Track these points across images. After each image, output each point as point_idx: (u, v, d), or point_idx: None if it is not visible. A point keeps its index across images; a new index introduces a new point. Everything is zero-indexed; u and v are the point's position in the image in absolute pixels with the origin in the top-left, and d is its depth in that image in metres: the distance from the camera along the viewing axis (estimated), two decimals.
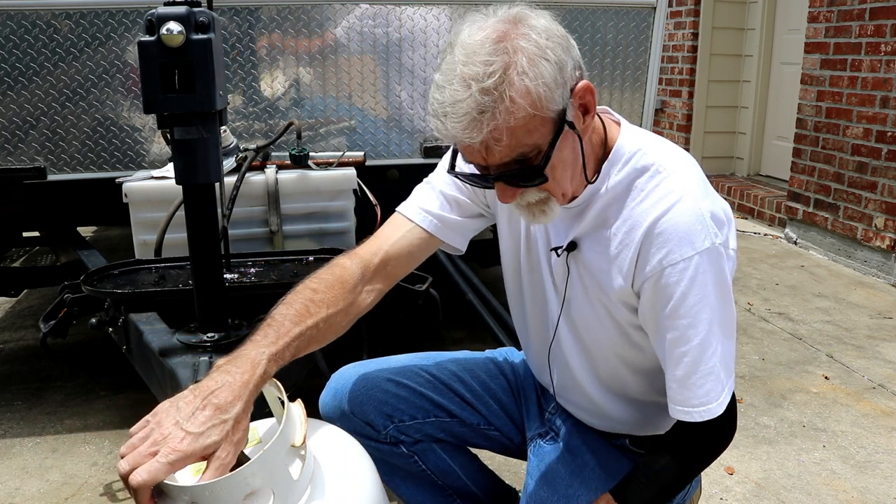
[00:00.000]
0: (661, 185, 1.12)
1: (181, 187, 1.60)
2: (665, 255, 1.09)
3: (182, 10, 1.47)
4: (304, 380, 1.78)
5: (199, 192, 1.59)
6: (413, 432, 1.41)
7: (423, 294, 1.99)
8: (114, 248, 3.73)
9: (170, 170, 2.26)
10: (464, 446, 1.51)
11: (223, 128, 2.03)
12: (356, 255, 1.26)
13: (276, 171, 2.30)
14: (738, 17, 5.68)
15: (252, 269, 2.06)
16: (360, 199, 2.39)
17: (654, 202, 1.11)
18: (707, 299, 1.10)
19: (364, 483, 1.05)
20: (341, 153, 2.44)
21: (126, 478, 0.87)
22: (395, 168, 2.62)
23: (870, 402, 2.58)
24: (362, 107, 2.52)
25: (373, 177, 2.47)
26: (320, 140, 2.52)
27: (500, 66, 0.98)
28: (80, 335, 2.80)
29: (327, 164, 2.39)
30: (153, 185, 2.23)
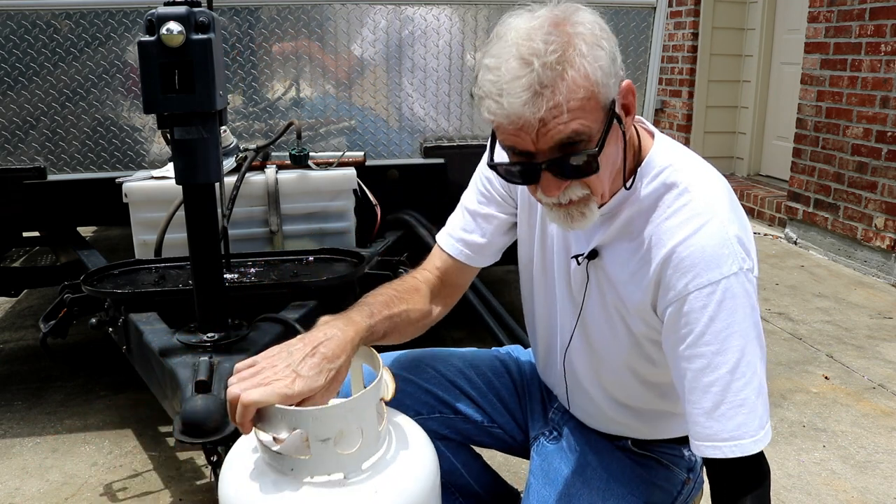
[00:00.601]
0: (687, 206, 1.09)
1: (181, 187, 1.60)
2: (691, 279, 1.05)
3: (182, 10, 1.46)
4: None
5: (199, 192, 1.59)
6: None
7: None
8: (114, 248, 3.72)
9: (170, 170, 2.26)
10: (467, 444, 1.51)
11: (223, 128, 2.03)
12: (417, 276, 1.36)
13: (276, 171, 2.30)
14: (738, 17, 5.68)
15: (252, 269, 2.06)
16: (360, 199, 2.39)
17: (680, 223, 1.08)
18: (737, 325, 1.04)
19: (427, 458, 1.11)
20: (341, 153, 2.44)
21: (235, 400, 0.97)
22: (395, 168, 2.62)
23: (870, 402, 2.58)
24: (362, 107, 2.52)
25: (373, 177, 2.47)
26: (320, 140, 2.52)
27: (561, 46, 0.98)
28: (80, 335, 2.80)
29: (327, 164, 2.39)
30: (153, 185, 2.23)
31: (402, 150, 2.58)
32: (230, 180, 2.17)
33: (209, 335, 1.68)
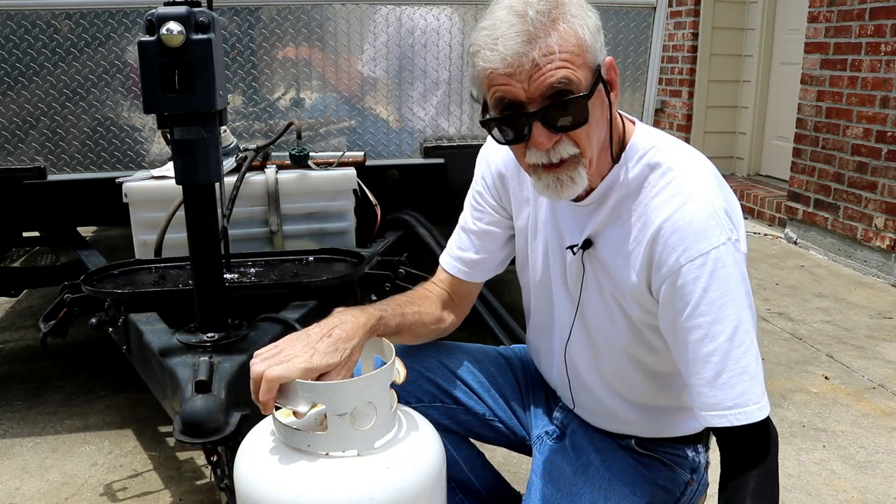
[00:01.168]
0: (672, 184, 1.12)
1: (181, 187, 1.60)
2: (681, 252, 1.08)
3: (182, 10, 1.46)
4: None
5: (199, 192, 1.59)
6: None
7: None
8: (114, 248, 3.72)
9: (170, 170, 2.26)
10: (469, 440, 1.52)
11: (223, 128, 2.03)
12: (426, 286, 1.44)
13: (276, 171, 2.30)
14: (738, 17, 5.68)
15: (252, 269, 2.06)
16: (360, 199, 2.39)
17: (666, 200, 1.11)
18: (730, 294, 1.06)
19: (435, 441, 1.17)
20: (341, 153, 2.44)
21: (259, 376, 1.04)
22: (395, 168, 2.62)
23: (870, 402, 2.58)
24: (362, 107, 2.52)
25: (373, 177, 2.47)
26: (320, 140, 2.52)
27: (553, 4, 1.04)
28: (80, 335, 2.80)
29: (327, 164, 2.39)
30: (153, 185, 2.23)
31: (402, 150, 2.58)
32: (230, 180, 2.17)
33: (209, 335, 1.68)
